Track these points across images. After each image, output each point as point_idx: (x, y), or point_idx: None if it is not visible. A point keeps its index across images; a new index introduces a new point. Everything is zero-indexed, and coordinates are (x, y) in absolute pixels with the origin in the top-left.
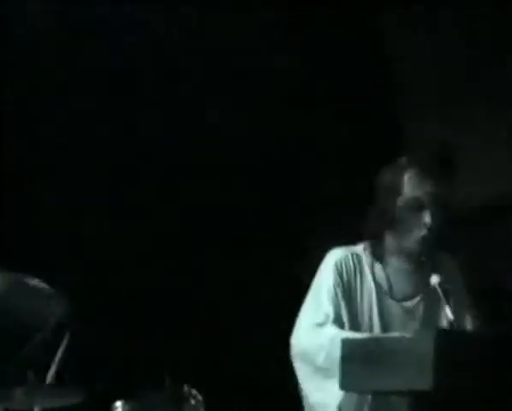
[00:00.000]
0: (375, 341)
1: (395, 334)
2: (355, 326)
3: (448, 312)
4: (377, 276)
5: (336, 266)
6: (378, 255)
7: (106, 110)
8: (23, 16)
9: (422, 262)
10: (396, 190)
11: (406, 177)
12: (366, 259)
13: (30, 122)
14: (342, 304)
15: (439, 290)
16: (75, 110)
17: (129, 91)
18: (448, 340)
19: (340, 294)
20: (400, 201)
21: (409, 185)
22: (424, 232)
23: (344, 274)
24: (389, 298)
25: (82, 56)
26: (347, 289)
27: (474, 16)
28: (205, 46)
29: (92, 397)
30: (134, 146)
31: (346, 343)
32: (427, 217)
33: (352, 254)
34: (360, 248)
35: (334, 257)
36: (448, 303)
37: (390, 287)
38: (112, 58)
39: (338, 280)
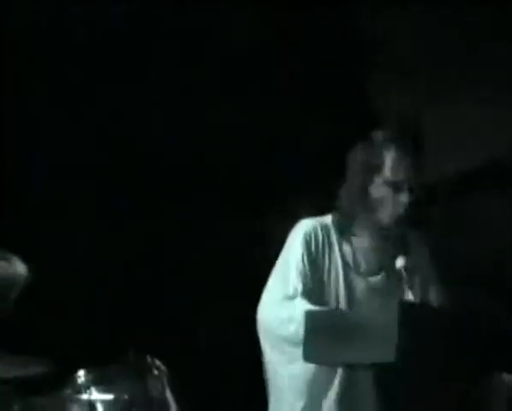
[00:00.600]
0: (339, 313)
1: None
2: (322, 299)
3: (411, 296)
4: (344, 250)
5: (305, 238)
6: (346, 229)
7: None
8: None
9: (388, 238)
10: (375, 168)
11: (386, 156)
12: (333, 232)
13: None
14: (310, 276)
15: (404, 273)
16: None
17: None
18: (411, 313)
19: (308, 266)
20: (378, 179)
21: (389, 164)
22: (400, 211)
23: (313, 246)
24: (355, 273)
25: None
26: (314, 262)
27: None
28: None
29: (55, 367)
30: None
31: (310, 315)
32: (405, 197)
33: (321, 225)
34: (329, 220)
35: (303, 228)
36: (411, 288)
37: (356, 261)
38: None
39: (307, 252)
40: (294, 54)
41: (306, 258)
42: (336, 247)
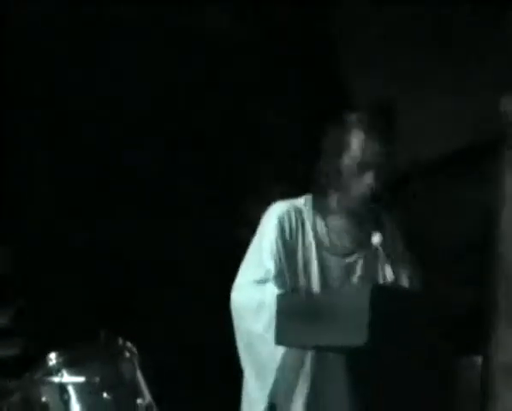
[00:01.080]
0: (311, 296)
1: (331, 289)
2: (295, 282)
3: (388, 272)
4: (317, 231)
5: (279, 220)
6: (320, 210)
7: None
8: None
9: (362, 219)
10: (343, 148)
11: (353, 137)
12: (307, 214)
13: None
14: (283, 259)
15: (380, 250)
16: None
17: None
18: (383, 295)
19: (281, 249)
20: (345, 160)
21: (355, 145)
22: (365, 191)
23: (286, 228)
24: (329, 253)
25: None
26: (288, 244)
27: None
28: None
29: (27, 349)
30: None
31: (282, 298)
32: (370, 178)
33: (294, 208)
34: (301, 202)
35: (276, 211)
36: (388, 263)
37: (331, 242)
38: None
39: (280, 234)
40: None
41: (279, 240)
42: (310, 228)
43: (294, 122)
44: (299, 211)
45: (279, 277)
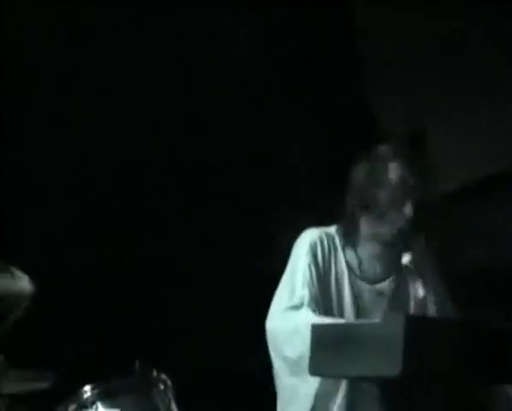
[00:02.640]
0: (345, 326)
1: (364, 320)
2: (328, 308)
3: (419, 289)
4: (349, 258)
5: (311, 247)
6: (351, 238)
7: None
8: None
9: (394, 246)
10: (379, 180)
11: (390, 168)
12: (339, 241)
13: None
14: (316, 285)
15: (411, 268)
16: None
17: None
18: (416, 326)
19: (315, 276)
20: (382, 191)
21: (393, 177)
22: (403, 223)
23: (319, 255)
24: (361, 280)
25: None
26: (321, 270)
27: None
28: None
29: (61, 382)
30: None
31: (315, 328)
32: (409, 210)
33: (327, 235)
34: (333, 230)
35: (309, 237)
36: (422, 281)
37: (362, 269)
38: None
39: (313, 261)
40: (291, 66)
41: (312, 266)
42: (342, 255)
43: (320, 151)
44: (331, 238)
45: (312, 304)
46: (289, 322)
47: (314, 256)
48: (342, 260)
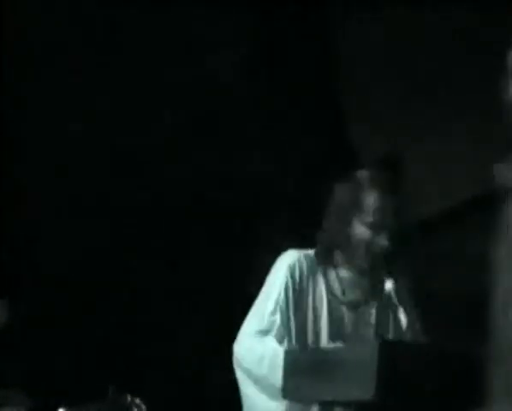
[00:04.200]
0: (318, 351)
1: (338, 344)
2: (303, 333)
3: (402, 318)
4: (329, 281)
5: (290, 269)
6: (329, 263)
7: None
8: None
9: (373, 273)
10: (355, 208)
11: (366, 196)
12: (318, 263)
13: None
14: (291, 309)
15: (393, 296)
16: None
17: None
18: (391, 351)
19: (291, 300)
20: (358, 220)
21: (369, 204)
22: (377, 252)
23: (297, 277)
24: (341, 304)
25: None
26: (298, 294)
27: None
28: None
29: (34, 405)
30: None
31: (289, 353)
32: (384, 240)
33: (306, 257)
34: (313, 252)
35: (288, 259)
36: (402, 308)
37: (343, 293)
38: None
39: (291, 283)
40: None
41: (288, 290)
42: (322, 279)
43: (302, 175)
44: (310, 260)
45: (283, 328)
46: (255, 350)
47: (292, 278)
48: (322, 284)
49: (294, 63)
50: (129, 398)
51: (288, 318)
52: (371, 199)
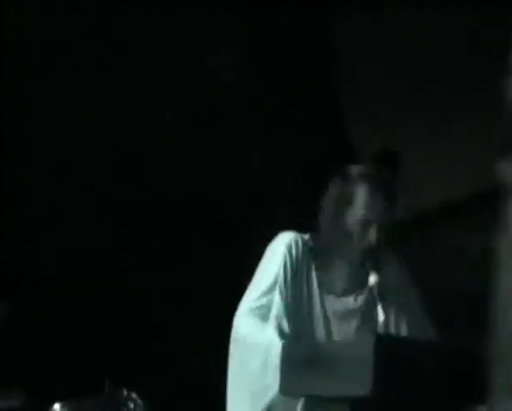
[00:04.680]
0: (315, 345)
1: (335, 339)
2: (298, 317)
3: (380, 313)
4: (320, 269)
5: (288, 248)
6: (322, 250)
7: None
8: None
9: (365, 260)
10: (346, 202)
11: (357, 192)
12: (312, 250)
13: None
14: (289, 287)
15: (375, 290)
16: None
17: None
18: (388, 345)
19: (289, 276)
20: (349, 214)
21: (360, 200)
22: (367, 245)
23: (294, 256)
24: (330, 293)
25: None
26: (295, 272)
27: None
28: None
29: (30, 400)
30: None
31: (286, 347)
32: (373, 235)
33: (302, 240)
34: (307, 237)
35: (285, 239)
36: (381, 303)
37: (332, 282)
38: None
39: (289, 262)
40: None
41: (287, 268)
42: (313, 265)
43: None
44: (306, 244)
45: (282, 306)
46: (255, 336)
47: (290, 257)
48: (313, 270)
49: (294, 63)
50: (125, 393)
51: (287, 297)
52: (361, 194)
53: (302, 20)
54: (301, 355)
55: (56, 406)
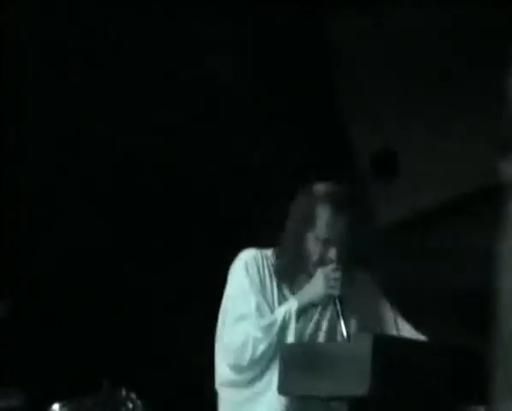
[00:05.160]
0: (313, 346)
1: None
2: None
3: (342, 328)
4: (282, 284)
5: (246, 265)
6: (284, 265)
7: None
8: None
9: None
10: (309, 222)
11: (319, 211)
12: (273, 264)
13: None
14: (259, 292)
15: (337, 305)
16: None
17: None
18: (385, 345)
19: (257, 284)
20: (311, 233)
21: (320, 219)
22: (327, 265)
23: (255, 272)
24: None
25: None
26: (258, 284)
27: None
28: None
29: (30, 400)
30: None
31: (284, 348)
32: (333, 254)
33: (262, 255)
34: (270, 252)
35: (244, 256)
36: (342, 318)
37: (293, 294)
38: None
39: (250, 274)
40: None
41: (249, 277)
42: (274, 279)
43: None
44: (266, 259)
45: (261, 303)
46: (236, 337)
47: (248, 271)
48: (274, 283)
49: (293, 63)
50: (124, 393)
51: (259, 300)
52: (324, 214)
53: (302, 20)
54: (300, 355)
55: (56, 406)
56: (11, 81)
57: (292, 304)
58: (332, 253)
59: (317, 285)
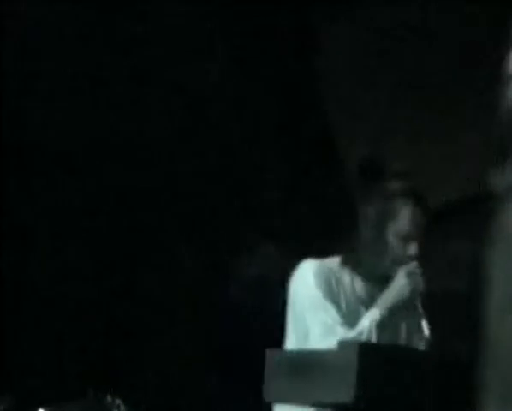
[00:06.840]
0: (300, 353)
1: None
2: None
3: (425, 328)
4: (357, 288)
5: (316, 278)
6: (356, 269)
7: None
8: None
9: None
10: (388, 217)
11: (399, 206)
12: (344, 272)
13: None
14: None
15: (419, 306)
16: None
17: None
18: (371, 353)
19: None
20: (390, 229)
21: (402, 214)
22: (407, 261)
23: (327, 284)
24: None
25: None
26: (334, 299)
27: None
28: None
29: (15, 405)
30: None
31: (271, 354)
32: (413, 250)
33: (322, 264)
34: (335, 262)
35: (309, 267)
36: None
37: (372, 298)
38: None
39: (326, 288)
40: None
41: (322, 295)
42: (348, 285)
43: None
44: (332, 271)
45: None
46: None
47: (318, 282)
48: (349, 288)
49: (292, 63)
50: (110, 399)
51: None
52: (405, 209)
53: (290, 24)
54: (287, 363)
55: None
56: (11, 81)
57: (375, 312)
58: (412, 249)
59: (400, 286)
